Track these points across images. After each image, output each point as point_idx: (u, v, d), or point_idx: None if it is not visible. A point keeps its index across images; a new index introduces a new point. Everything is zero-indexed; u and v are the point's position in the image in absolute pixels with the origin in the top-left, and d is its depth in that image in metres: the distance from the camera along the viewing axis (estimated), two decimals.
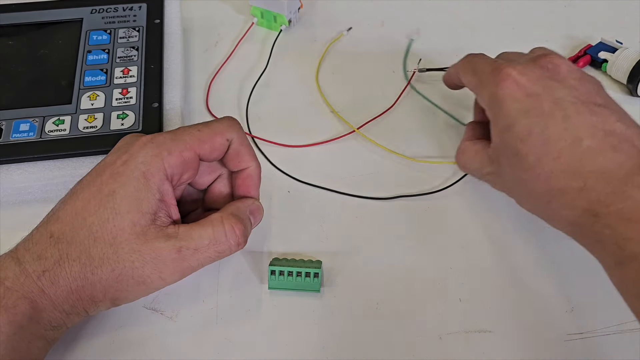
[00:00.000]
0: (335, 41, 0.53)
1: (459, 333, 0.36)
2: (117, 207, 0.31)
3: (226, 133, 0.35)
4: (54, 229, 0.32)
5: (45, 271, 0.31)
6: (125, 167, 0.32)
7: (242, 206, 0.36)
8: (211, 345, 0.35)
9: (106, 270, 0.31)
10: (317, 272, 0.37)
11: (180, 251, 0.32)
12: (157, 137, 0.34)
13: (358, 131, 0.45)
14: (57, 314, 0.31)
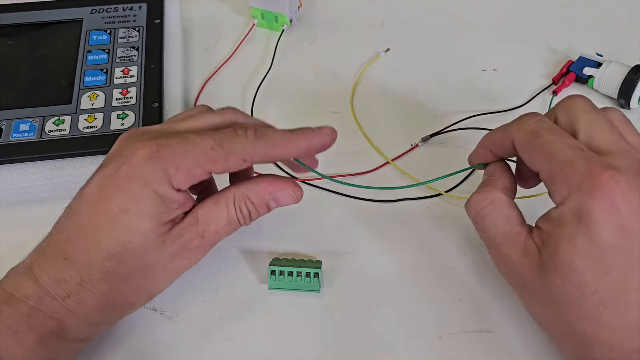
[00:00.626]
0: (373, 62, 0.52)
1: (459, 333, 0.36)
2: (136, 226, 0.30)
3: (241, 154, 0.31)
4: (66, 250, 0.30)
5: (70, 295, 0.30)
6: (133, 184, 0.30)
7: (263, 188, 0.33)
8: (211, 345, 0.35)
9: (136, 278, 0.31)
10: (317, 272, 0.37)
11: (203, 236, 0.32)
12: (163, 150, 0.30)
13: (392, 162, 0.45)
14: (85, 328, 0.31)
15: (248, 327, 0.36)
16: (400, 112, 0.48)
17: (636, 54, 0.52)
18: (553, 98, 0.48)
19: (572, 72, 0.49)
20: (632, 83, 0.46)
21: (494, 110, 0.47)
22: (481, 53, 0.53)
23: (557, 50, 0.52)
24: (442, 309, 0.37)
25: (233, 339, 0.35)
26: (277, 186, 0.33)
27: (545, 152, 0.29)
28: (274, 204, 0.34)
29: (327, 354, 0.35)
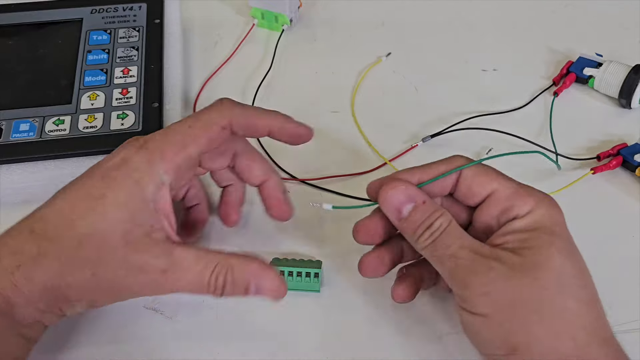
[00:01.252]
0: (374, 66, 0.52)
1: (459, 333, 0.36)
2: (108, 213, 0.30)
3: (220, 121, 0.33)
4: (35, 226, 0.30)
5: (20, 266, 0.29)
6: (117, 172, 0.31)
7: (249, 271, 0.32)
8: (211, 345, 0.35)
9: (87, 272, 0.30)
10: (317, 272, 0.37)
11: (165, 273, 0.30)
12: (150, 141, 0.32)
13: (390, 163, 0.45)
14: (31, 311, 0.30)
15: (248, 327, 0.36)
16: (400, 112, 0.48)
17: (635, 53, 0.51)
18: (554, 99, 0.48)
19: (573, 72, 0.49)
20: (633, 83, 0.46)
21: (494, 112, 0.47)
22: (481, 53, 0.53)
23: (558, 50, 0.52)
24: (442, 309, 0.37)
25: (233, 339, 0.35)
26: (266, 276, 0.32)
27: (501, 176, 0.33)
28: (253, 291, 0.32)
29: (327, 354, 0.35)
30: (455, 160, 0.33)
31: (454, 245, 0.30)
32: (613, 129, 0.46)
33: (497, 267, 0.29)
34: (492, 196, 0.32)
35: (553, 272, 0.29)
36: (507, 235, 0.31)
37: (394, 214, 0.32)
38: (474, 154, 0.45)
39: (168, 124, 0.43)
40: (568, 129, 0.46)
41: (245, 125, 0.34)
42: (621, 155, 0.43)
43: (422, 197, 0.32)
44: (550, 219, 0.31)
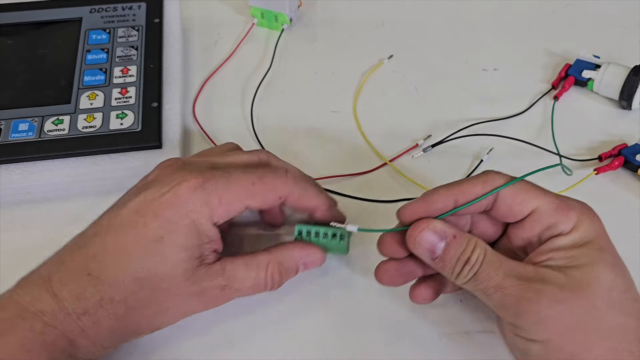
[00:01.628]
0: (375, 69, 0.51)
1: (460, 334, 0.36)
2: (167, 256, 0.31)
3: (280, 191, 0.34)
4: (91, 268, 0.30)
5: (86, 312, 0.30)
6: (173, 213, 0.31)
7: (296, 255, 0.35)
8: (211, 345, 0.35)
9: (153, 309, 0.31)
10: (345, 233, 0.36)
11: (224, 289, 0.33)
12: (208, 183, 0.32)
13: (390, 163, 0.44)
14: (94, 349, 0.31)
15: (248, 327, 0.36)
16: (401, 112, 0.48)
17: (633, 54, 0.51)
18: (554, 104, 0.48)
19: (571, 75, 0.48)
20: (634, 85, 0.45)
21: (495, 118, 0.47)
22: (481, 53, 0.52)
23: (558, 49, 0.52)
24: (443, 310, 0.36)
25: (233, 339, 0.35)
26: (307, 252, 0.35)
27: (541, 192, 0.31)
28: (302, 269, 0.35)
29: (327, 354, 0.35)
30: (491, 178, 0.31)
31: (496, 276, 0.29)
32: (613, 130, 0.46)
33: (546, 291, 0.29)
34: (533, 214, 0.31)
35: (603, 289, 0.29)
36: (552, 252, 0.30)
37: (428, 255, 0.31)
38: (474, 155, 0.45)
39: (167, 123, 0.43)
40: (568, 131, 0.46)
41: (296, 203, 0.35)
42: (622, 155, 0.43)
43: (452, 231, 0.31)
44: (595, 232, 0.30)
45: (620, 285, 0.29)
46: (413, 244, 0.31)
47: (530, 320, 0.29)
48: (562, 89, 0.48)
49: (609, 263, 0.29)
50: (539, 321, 0.29)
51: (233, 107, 0.49)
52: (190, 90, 0.50)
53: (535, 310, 0.28)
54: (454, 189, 0.31)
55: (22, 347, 0.29)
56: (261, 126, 0.47)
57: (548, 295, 0.28)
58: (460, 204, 0.31)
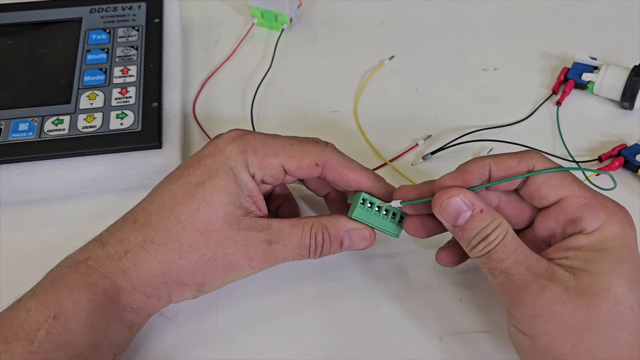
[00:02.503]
0: (377, 70, 0.51)
1: (459, 334, 0.36)
2: (208, 198, 0.32)
3: (317, 157, 0.34)
4: (139, 217, 0.32)
5: (128, 252, 0.31)
6: (213, 160, 0.33)
7: (342, 223, 0.34)
8: (211, 345, 0.35)
9: (196, 255, 0.32)
10: (404, 215, 0.35)
11: (270, 243, 0.33)
12: (247, 135, 0.34)
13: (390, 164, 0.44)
14: (136, 296, 0.32)
15: (248, 327, 0.36)
16: (401, 112, 0.48)
17: (633, 54, 0.51)
18: (558, 109, 0.47)
19: (571, 79, 0.48)
20: (636, 85, 0.45)
21: (497, 125, 0.47)
22: (481, 53, 0.52)
23: (558, 49, 0.52)
24: (442, 310, 0.37)
25: (233, 339, 0.35)
26: (354, 224, 0.34)
27: (576, 183, 0.30)
28: (347, 242, 0.34)
29: (327, 354, 0.35)
30: (529, 156, 0.31)
31: (508, 260, 0.29)
32: (613, 130, 0.46)
33: (550, 289, 0.28)
34: (561, 202, 0.30)
35: (609, 301, 0.28)
36: (569, 250, 0.29)
37: (450, 221, 0.31)
38: (474, 154, 0.45)
39: (167, 123, 0.43)
40: (569, 132, 0.46)
41: (338, 174, 0.34)
42: (622, 156, 0.43)
43: (481, 205, 0.30)
44: (620, 240, 0.29)
45: (631, 301, 0.28)
46: (439, 208, 0.31)
47: (525, 312, 0.29)
48: (564, 93, 0.48)
49: (624, 277, 0.28)
50: (533, 316, 0.28)
51: (233, 107, 0.49)
52: (190, 90, 0.50)
53: (532, 305, 0.28)
54: (489, 158, 0.31)
55: (66, 287, 0.30)
56: (261, 126, 0.47)
57: (550, 293, 0.28)
58: (494, 177, 0.31)
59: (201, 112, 0.48)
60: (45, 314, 0.29)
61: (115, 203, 0.42)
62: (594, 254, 0.29)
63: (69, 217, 0.41)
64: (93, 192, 0.42)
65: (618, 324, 0.28)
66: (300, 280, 0.38)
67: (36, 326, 0.29)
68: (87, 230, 0.40)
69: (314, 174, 0.34)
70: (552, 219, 0.31)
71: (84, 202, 0.42)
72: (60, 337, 0.29)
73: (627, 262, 0.29)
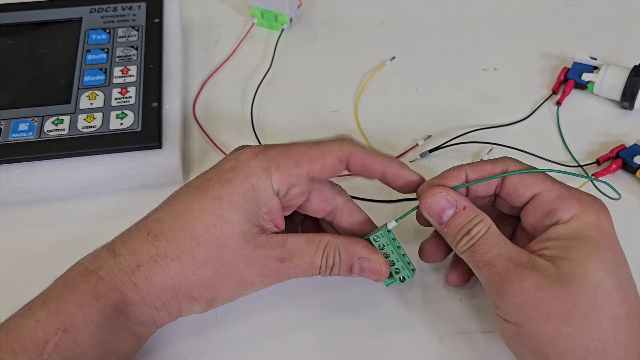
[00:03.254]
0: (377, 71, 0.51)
1: (459, 334, 0.36)
2: (225, 214, 0.31)
3: (339, 153, 0.33)
4: (152, 228, 0.32)
5: (140, 266, 0.31)
6: (234, 175, 0.32)
7: (356, 249, 0.33)
8: (211, 345, 0.35)
9: (209, 271, 0.31)
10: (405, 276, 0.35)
11: (283, 261, 0.32)
12: (268, 150, 0.33)
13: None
14: (146, 309, 0.31)
15: (248, 327, 0.36)
16: (401, 112, 0.48)
17: (633, 53, 0.51)
18: (558, 109, 0.47)
19: (571, 79, 0.48)
20: (636, 85, 0.45)
21: (496, 124, 0.47)
22: (481, 53, 0.52)
23: (558, 48, 0.52)
24: (442, 310, 0.37)
25: (233, 339, 0.35)
26: (369, 253, 0.34)
27: (549, 179, 0.32)
28: (357, 270, 0.34)
29: (327, 354, 0.35)
30: (502, 161, 0.33)
31: (490, 253, 0.31)
32: (612, 130, 0.46)
33: (531, 277, 0.29)
34: (536, 198, 0.32)
35: (589, 286, 0.29)
36: (548, 241, 0.31)
37: (435, 219, 0.32)
38: (474, 154, 0.45)
39: (167, 123, 0.43)
40: (569, 133, 0.46)
41: (362, 164, 0.34)
42: (620, 158, 0.43)
43: (463, 202, 0.32)
44: (596, 227, 0.30)
45: (609, 285, 0.29)
46: (425, 206, 0.32)
47: (508, 301, 0.30)
48: (564, 93, 0.48)
49: (602, 262, 0.29)
50: (515, 304, 0.29)
51: (233, 107, 0.49)
52: (190, 90, 0.50)
53: (514, 293, 0.29)
54: (466, 165, 0.33)
55: (76, 298, 0.30)
56: (261, 126, 0.47)
57: (530, 281, 0.29)
58: (470, 179, 0.33)
59: (201, 112, 0.48)
60: (55, 325, 0.29)
61: (115, 203, 0.42)
62: (572, 241, 0.30)
63: (69, 217, 0.41)
64: (93, 192, 0.42)
65: (599, 308, 0.29)
66: (300, 280, 0.38)
67: (45, 338, 0.29)
68: (87, 230, 0.40)
69: (340, 171, 0.34)
70: (530, 214, 0.32)
71: (84, 202, 0.42)
72: (69, 350, 0.29)
73: (604, 248, 0.30)
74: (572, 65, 0.49)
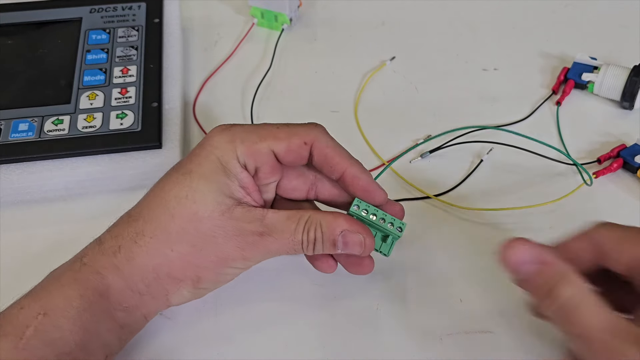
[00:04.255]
0: (378, 71, 0.51)
1: (459, 334, 0.36)
2: (195, 185, 0.31)
3: (305, 136, 0.33)
4: (132, 212, 0.33)
5: (121, 247, 0.31)
6: (200, 149, 0.33)
7: (339, 222, 0.32)
8: (211, 345, 0.35)
9: (185, 245, 0.31)
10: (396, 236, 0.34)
11: (262, 235, 0.32)
12: (235, 126, 0.33)
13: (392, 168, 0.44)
14: (128, 293, 0.32)
15: (248, 327, 0.36)
16: (401, 112, 0.48)
17: (633, 53, 0.51)
18: (558, 109, 0.47)
19: (571, 79, 0.48)
20: (636, 85, 0.45)
21: (497, 124, 0.47)
22: (481, 53, 0.52)
23: (558, 48, 0.52)
24: (442, 310, 0.37)
25: (233, 339, 0.35)
26: (352, 226, 0.32)
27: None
28: (341, 245, 0.32)
29: (327, 354, 0.35)
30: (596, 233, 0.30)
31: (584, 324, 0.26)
32: (613, 130, 0.46)
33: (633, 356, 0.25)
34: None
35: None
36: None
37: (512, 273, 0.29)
38: (474, 154, 0.45)
39: (167, 123, 0.43)
40: (569, 133, 0.46)
41: (324, 155, 0.33)
42: (621, 157, 0.43)
43: (547, 256, 0.28)
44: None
45: None
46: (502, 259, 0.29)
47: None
48: (564, 93, 0.48)
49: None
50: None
51: (233, 107, 0.49)
52: (190, 90, 0.50)
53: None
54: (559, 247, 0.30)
55: (58, 283, 0.31)
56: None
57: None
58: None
59: (201, 112, 0.48)
60: (36, 310, 0.30)
61: (115, 203, 0.42)
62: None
63: (69, 217, 0.41)
64: (93, 192, 0.42)
65: None
66: (300, 280, 0.38)
67: (26, 322, 0.29)
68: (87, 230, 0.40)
69: (304, 154, 0.33)
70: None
71: (84, 202, 0.42)
72: (47, 334, 0.29)
73: None
74: (572, 65, 0.49)
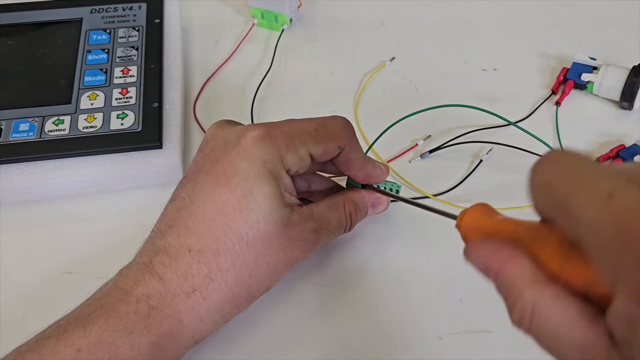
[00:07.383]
0: (377, 71, 0.51)
1: (459, 333, 0.36)
2: (264, 207, 0.31)
3: (340, 139, 0.34)
4: (191, 242, 0.30)
5: (196, 290, 0.30)
6: (249, 165, 0.31)
7: (366, 197, 0.37)
8: (211, 345, 0.35)
9: (262, 266, 0.31)
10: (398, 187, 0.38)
11: (317, 231, 0.33)
12: (273, 131, 0.32)
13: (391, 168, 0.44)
14: (202, 327, 0.31)
15: (248, 327, 0.36)
16: (400, 112, 0.48)
17: (633, 53, 0.51)
18: (557, 109, 0.47)
19: (570, 79, 0.48)
20: (635, 85, 0.45)
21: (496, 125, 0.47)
22: (481, 53, 0.52)
23: (558, 48, 0.52)
24: (442, 309, 0.37)
25: (233, 339, 0.35)
26: (374, 195, 0.37)
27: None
28: (371, 211, 0.37)
29: (327, 354, 0.35)
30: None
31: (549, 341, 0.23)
32: (612, 131, 0.46)
33: None
34: None
35: None
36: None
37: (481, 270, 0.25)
38: (473, 154, 0.45)
39: (168, 123, 0.43)
40: (569, 133, 0.46)
41: (347, 158, 0.35)
42: (620, 157, 0.43)
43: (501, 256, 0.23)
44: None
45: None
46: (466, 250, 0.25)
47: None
48: (563, 93, 0.48)
49: None
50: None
51: (233, 107, 0.49)
52: (190, 90, 0.50)
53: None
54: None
55: (125, 329, 0.28)
56: None
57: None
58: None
59: (201, 112, 0.48)
60: (98, 356, 0.27)
61: (115, 203, 0.42)
62: None
63: (69, 217, 0.41)
64: (93, 192, 0.42)
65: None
66: (300, 280, 0.38)
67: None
68: (87, 230, 0.40)
69: (334, 154, 0.34)
70: None
71: (84, 202, 0.42)
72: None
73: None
74: (571, 65, 0.49)
